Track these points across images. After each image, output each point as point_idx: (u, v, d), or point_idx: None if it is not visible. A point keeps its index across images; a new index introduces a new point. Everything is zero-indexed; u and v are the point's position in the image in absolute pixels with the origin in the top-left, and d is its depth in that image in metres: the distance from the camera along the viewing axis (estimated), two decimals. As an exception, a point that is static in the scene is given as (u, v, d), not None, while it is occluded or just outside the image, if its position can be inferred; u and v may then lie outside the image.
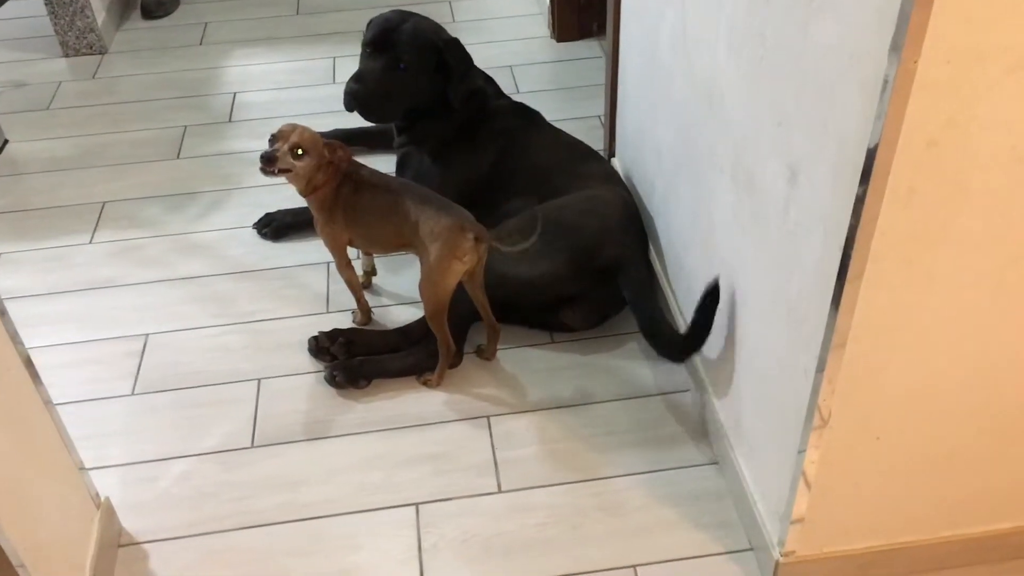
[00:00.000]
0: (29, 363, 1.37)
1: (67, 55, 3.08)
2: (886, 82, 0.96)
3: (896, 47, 0.93)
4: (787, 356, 1.33)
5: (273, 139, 1.70)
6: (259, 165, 1.69)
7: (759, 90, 1.32)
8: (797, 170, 1.22)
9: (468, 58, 2.16)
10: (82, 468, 1.52)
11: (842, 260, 1.10)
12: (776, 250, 1.33)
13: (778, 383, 1.38)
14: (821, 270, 1.17)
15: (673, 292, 1.93)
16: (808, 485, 1.34)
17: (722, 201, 1.54)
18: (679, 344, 1.71)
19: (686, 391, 1.81)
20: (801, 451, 1.31)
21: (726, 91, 1.47)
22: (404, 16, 2.15)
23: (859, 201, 1.05)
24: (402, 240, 1.78)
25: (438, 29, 2.16)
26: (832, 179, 1.12)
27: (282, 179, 1.74)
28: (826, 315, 1.17)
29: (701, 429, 1.74)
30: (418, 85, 2.12)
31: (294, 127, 1.71)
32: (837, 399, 1.23)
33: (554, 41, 3.08)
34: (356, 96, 2.10)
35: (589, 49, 3.03)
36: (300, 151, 1.69)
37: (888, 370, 1.21)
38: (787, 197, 1.26)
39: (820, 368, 1.21)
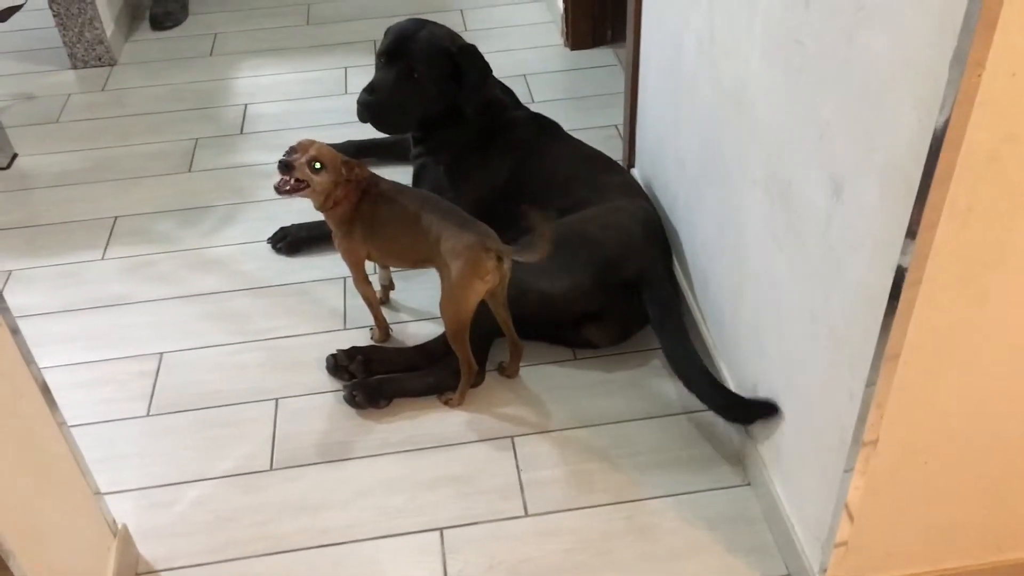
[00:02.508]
0: (45, 389, 1.33)
1: (76, 67, 3.05)
2: (946, 94, 0.91)
3: (959, 58, 0.88)
4: (828, 377, 1.28)
5: (291, 151, 1.66)
6: (274, 182, 1.66)
7: (797, 99, 1.28)
8: (841, 183, 1.17)
9: (485, 66, 2.12)
10: (97, 493, 1.48)
11: (894, 279, 1.06)
12: (816, 266, 1.28)
13: (818, 405, 1.33)
14: (868, 289, 1.13)
15: (699, 306, 1.88)
16: (851, 511, 1.29)
17: (753, 213, 1.49)
18: (707, 387, 1.66)
19: (711, 410, 1.76)
20: (845, 476, 1.26)
21: (758, 99, 1.42)
22: (420, 24, 2.11)
23: (914, 218, 1.00)
24: (422, 255, 1.73)
25: (454, 37, 2.12)
26: (881, 194, 1.08)
27: (296, 196, 1.70)
28: (874, 336, 1.12)
29: (732, 449, 1.69)
30: (432, 94, 2.07)
31: (312, 142, 1.67)
32: (885, 423, 1.18)
33: (567, 49, 3.04)
34: (369, 107, 2.06)
35: (603, 57, 2.99)
36: (318, 165, 1.65)
37: (939, 393, 1.16)
38: (829, 211, 1.21)
39: (867, 391, 1.16)
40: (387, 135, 2.25)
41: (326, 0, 3.44)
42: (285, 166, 1.64)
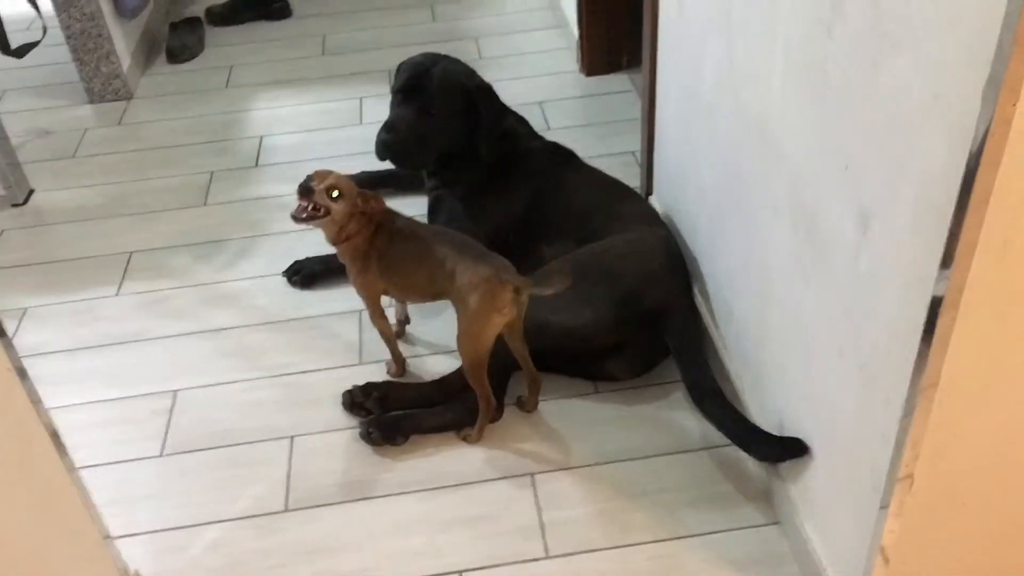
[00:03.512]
0: (55, 433, 1.30)
1: (93, 101, 3.06)
2: (979, 125, 0.87)
3: (992, 89, 0.85)
4: (860, 413, 1.23)
5: (309, 179, 1.65)
6: (292, 210, 1.65)
7: (821, 129, 1.24)
8: (869, 216, 1.13)
9: (501, 107, 2.10)
10: (108, 537, 1.45)
11: (928, 316, 1.01)
12: (845, 300, 1.23)
13: (850, 442, 1.28)
14: (901, 325, 1.08)
15: (721, 337, 1.84)
16: (886, 553, 1.23)
17: (778, 245, 1.45)
18: (731, 422, 1.62)
19: (737, 447, 1.71)
20: (880, 514, 1.21)
21: (781, 128, 1.39)
22: (434, 60, 2.10)
23: (949, 249, 0.96)
24: (438, 289, 1.71)
25: (470, 74, 2.10)
26: (912, 227, 1.04)
27: (311, 226, 1.68)
28: (908, 370, 1.08)
29: (758, 486, 1.64)
30: (450, 130, 2.06)
31: (330, 172, 1.67)
32: (921, 461, 1.13)
33: (583, 76, 3.02)
34: (389, 146, 2.06)
35: (619, 83, 2.97)
36: (336, 193, 1.64)
37: (976, 430, 1.12)
38: (857, 244, 1.17)
39: (902, 424, 1.11)
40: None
41: (341, 30, 3.44)
42: (306, 190, 1.63)
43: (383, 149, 2.06)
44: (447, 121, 2.04)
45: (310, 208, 1.64)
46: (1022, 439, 1.14)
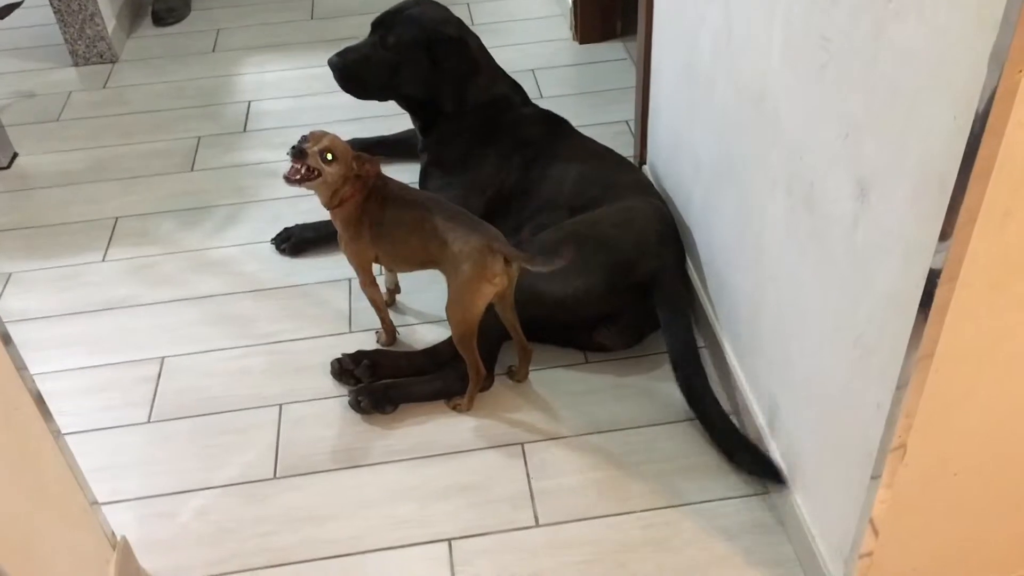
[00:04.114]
0: (40, 399, 1.28)
1: (77, 64, 3.00)
2: (984, 93, 0.86)
3: (998, 56, 0.83)
4: (853, 386, 1.23)
5: (303, 140, 1.62)
6: (284, 173, 1.62)
7: (820, 98, 1.22)
8: (868, 186, 1.12)
9: (466, 60, 2.06)
10: (95, 503, 1.44)
11: (926, 288, 1.00)
12: (841, 272, 1.23)
13: (842, 415, 1.28)
14: (898, 296, 1.07)
15: (714, 308, 1.83)
16: (876, 525, 1.24)
17: (773, 215, 1.44)
18: (708, 408, 1.65)
19: (731, 415, 1.71)
20: (871, 485, 1.21)
21: (779, 97, 1.37)
22: (420, 3, 2.10)
23: (948, 220, 0.95)
24: (430, 258, 1.69)
25: (443, 21, 2.07)
26: (912, 197, 1.02)
27: (301, 190, 1.66)
28: (903, 342, 1.07)
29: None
30: (405, 70, 2.05)
31: (325, 133, 1.64)
32: (914, 435, 1.13)
33: (576, 43, 2.99)
34: (334, 67, 2.09)
35: (613, 51, 2.94)
36: (330, 155, 1.61)
37: (970, 403, 1.11)
38: (855, 214, 1.16)
39: (896, 395, 1.11)
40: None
41: (330, -6, 3.39)
42: (299, 153, 1.60)
43: (331, 68, 2.09)
44: (400, 57, 2.04)
45: (303, 170, 1.62)
46: (1016, 411, 1.14)
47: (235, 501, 1.62)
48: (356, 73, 2.09)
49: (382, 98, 2.15)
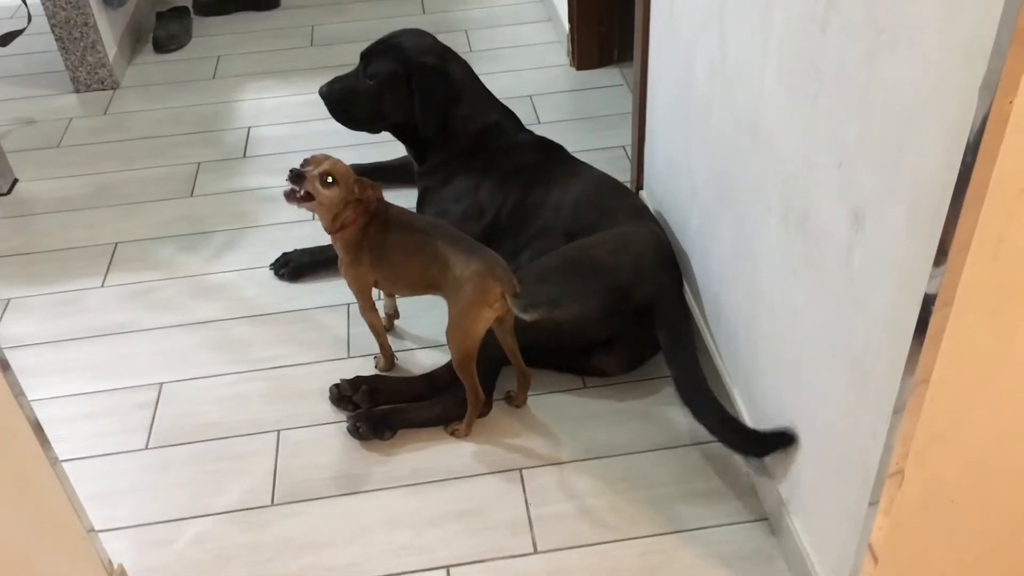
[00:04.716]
0: (37, 426, 1.28)
1: (78, 91, 3.03)
2: (975, 122, 0.87)
3: (989, 85, 0.84)
4: (850, 414, 1.23)
5: (305, 163, 1.63)
6: (284, 190, 1.63)
7: (814, 126, 1.24)
8: (863, 214, 1.13)
9: (447, 88, 2.07)
10: (92, 531, 1.43)
11: (921, 314, 1.01)
12: (837, 297, 1.23)
13: (840, 441, 1.28)
14: (894, 324, 1.08)
15: (711, 332, 1.83)
16: (875, 551, 1.23)
17: (769, 242, 1.45)
18: (718, 421, 1.61)
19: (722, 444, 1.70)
20: (869, 511, 1.20)
21: (773, 125, 1.38)
22: (405, 33, 2.13)
23: (943, 244, 0.95)
24: (431, 282, 1.69)
25: (425, 51, 2.09)
26: (907, 225, 1.03)
27: (301, 214, 1.67)
28: (899, 367, 1.07)
29: (747, 482, 1.64)
30: (386, 100, 2.08)
31: (327, 156, 1.65)
32: (912, 458, 1.13)
33: (573, 70, 3.01)
34: (323, 97, 2.14)
35: (610, 77, 2.96)
36: (330, 179, 1.62)
37: (967, 430, 1.11)
38: (850, 242, 1.17)
39: (893, 420, 1.11)
40: (391, 160, 2.23)
41: (330, 21, 3.42)
42: (296, 176, 1.61)
43: (322, 98, 2.14)
44: (381, 87, 2.07)
45: (301, 193, 1.63)
46: (1013, 437, 1.14)
47: (233, 528, 1.62)
48: (342, 103, 2.13)
49: (372, 129, 2.18)
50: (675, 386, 1.72)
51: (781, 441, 1.48)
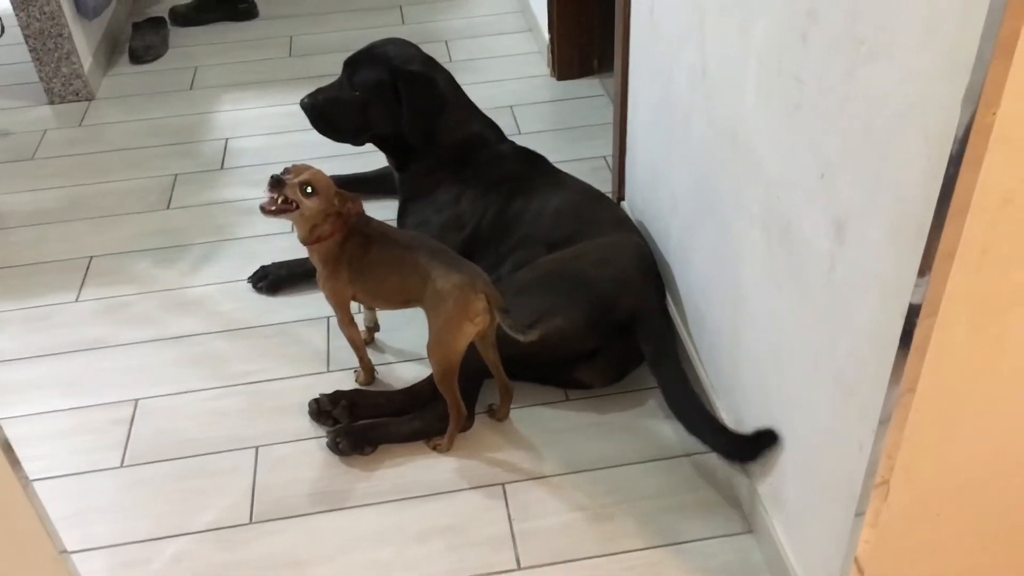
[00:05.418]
0: (7, 446, 1.25)
1: (52, 102, 2.99)
2: (958, 133, 0.87)
3: (971, 97, 0.84)
4: (835, 426, 1.22)
5: (285, 171, 1.61)
6: (261, 202, 1.61)
7: (795, 138, 1.23)
8: (844, 225, 1.12)
9: (434, 97, 2.06)
10: (64, 552, 1.40)
11: (905, 325, 1.00)
12: (819, 310, 1.23)
13: (824, 454, 1.27)
14: (877, 335, 1.07)
15: (694, 343, 1.83)
16: (861, 564, 1.22)
17: (751, 253, 1.44)
18: (709, 429, 1.61)
19: (713, 452, 1.70)
20: (855, 527, 1.20)
21: (754, 137, 1.38)
22: (389, 42, 2.12)
23: (926, 262, 0.95)
24: (411, 296, 1.68)
25: (410, 59, 2.07)
26: (889, 236, 1.03)
27: (280, 226, 1.64)
28: (884, 379, 1.07)
29: (732, 494, 1.63)
30: (372, 109, 2.06)
31: (308, 166, 1.63)
32: (897, 474, 1.12)
33: (554, 80, 3.01)
34: (306, 108, 2.11)
35: (590, 87, 2.96)
36: (310, 189, 1.60)
37: (952, 442, 1.11)
38: (832, 253, 1.16)
39: (879, 431, 1.10)
40: (372, 172, 2.20)
41: (309, 32, 3.40)
42: (276, 183, 1.59)
43: (303, 110, 2.11)
44: (367, 96, 2.05)
45: (280, 201, 1.60)
46: (999, 447, 1.13)
47: (211, 547, 1.59)
48: (327, 113, 2.10)
49: (356, 141, 2.15)
50: (663, 396, 1.71)
51: (767, 442, 1.47)
